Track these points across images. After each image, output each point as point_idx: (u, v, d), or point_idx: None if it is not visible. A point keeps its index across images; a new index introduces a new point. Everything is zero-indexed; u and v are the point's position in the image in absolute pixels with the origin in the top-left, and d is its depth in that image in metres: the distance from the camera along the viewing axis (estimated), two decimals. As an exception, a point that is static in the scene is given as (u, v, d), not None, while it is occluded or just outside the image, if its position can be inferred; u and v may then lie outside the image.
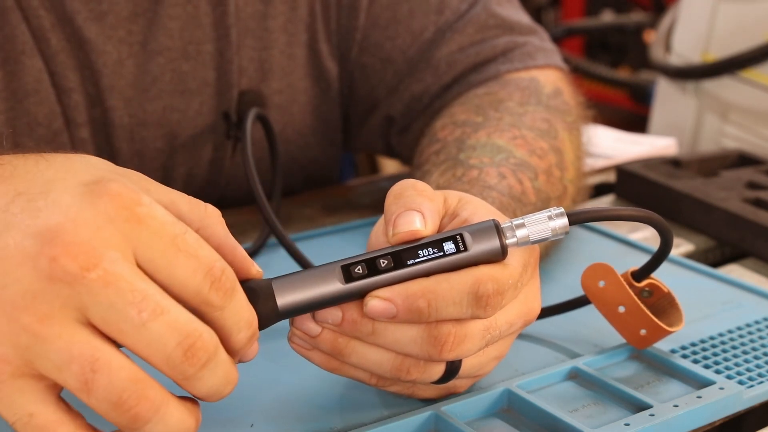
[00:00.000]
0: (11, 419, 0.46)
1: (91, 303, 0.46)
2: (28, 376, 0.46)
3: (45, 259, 0.46)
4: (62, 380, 0.46)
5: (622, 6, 2.99)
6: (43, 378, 0.46)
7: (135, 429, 0.46)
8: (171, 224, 0.48)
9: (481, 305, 0.54)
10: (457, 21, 0.93)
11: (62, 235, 0.46)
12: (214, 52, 0.89)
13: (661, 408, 0.60)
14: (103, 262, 0.46)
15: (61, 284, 0.46)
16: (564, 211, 0.56)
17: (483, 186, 0.73)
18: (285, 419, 0.60)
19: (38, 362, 0.46)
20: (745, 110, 1.21)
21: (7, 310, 0.46)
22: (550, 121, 0.84)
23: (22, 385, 0.46)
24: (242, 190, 0.76)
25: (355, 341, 0.56)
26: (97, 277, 0.46)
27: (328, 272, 0.54)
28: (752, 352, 0.69)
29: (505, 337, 0.59)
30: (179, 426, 0.48)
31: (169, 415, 0.47)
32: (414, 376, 0.56)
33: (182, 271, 0.47)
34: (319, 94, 0.97)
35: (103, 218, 0.47)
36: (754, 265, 0.87)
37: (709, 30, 1.25)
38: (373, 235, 0.61)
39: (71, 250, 0.46)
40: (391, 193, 0.57)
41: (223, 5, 0.88)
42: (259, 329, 0.53)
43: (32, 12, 0.81)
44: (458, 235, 0.54)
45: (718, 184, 0.98)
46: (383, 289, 0.54)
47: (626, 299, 0.64)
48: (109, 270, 0.46)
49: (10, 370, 0.46)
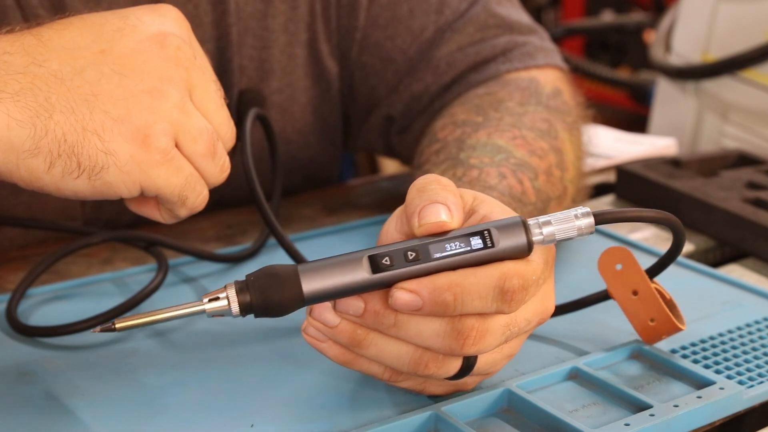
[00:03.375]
0: (181, 180, 0.61)
1: (196, 84, 0.62)
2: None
3: (171, 49, 0.61)
4: (192, 149, 0.61)
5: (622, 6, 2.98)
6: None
7: (222, 174, 0.64)
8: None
9: (506, 300, 0.54)
10: (456, 20, 0.93)
11: (170, 33, 0.61)
12: (214, 51, 0.89)
13: (661, 408, 0.60)
14: (199, 51, 0.64)
15: (182, 68, 0.61)
16: (590, 211, 0.57)
17: (483, 186, 0.73)
18: (285, 419, 0.60)
19: (181, 134, 0.60)
20: (745, 110, 1.21)
21: (154, 94, 0.59)
22: (550, 122, 0.84)
23: (175, 154, 0.60)
24: (242, 190, 0.76)
25: (374, 333, 0.56)
26: (200, 63, 0.63)
27: (355, 261, 0.54)
28: (752, 352, 0.69)
29: (521, 334, 0.59)
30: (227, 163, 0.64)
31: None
32: (431, 371, 0.57)
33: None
34: (319, 93, 0.97)
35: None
36: (754, 265, 0.87)
37: (709, 30, 1.25)
38: (383, 232, 0.60)
39: (184, 42, 0.62)
40: (414, 186, 0.58)
41: (223, 4, 0.88)
42: (283, 314, 0.54)
43: (32, 11, 0.81)
44: (486, 231, 0.55)
45: (718, 184, 0.97)
46: (410, 281, 0.54)
47: (641, 284, 0.65)
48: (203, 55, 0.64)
49: (169, 142, 0.60)
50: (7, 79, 0.56)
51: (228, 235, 0.90)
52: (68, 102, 0.57)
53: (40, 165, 0.57)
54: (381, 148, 1.01)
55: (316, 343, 0.58)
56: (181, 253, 0.82)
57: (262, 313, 0.54)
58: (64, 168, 0.57)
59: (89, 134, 0.58)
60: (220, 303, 0.54)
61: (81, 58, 0.59)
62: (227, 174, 0.65)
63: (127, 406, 0.62)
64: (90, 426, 0.60)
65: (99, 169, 0.58)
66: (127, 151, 0.58)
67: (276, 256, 0.84)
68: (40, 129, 0.56)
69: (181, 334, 0.71)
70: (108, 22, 0.61)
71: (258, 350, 0.69)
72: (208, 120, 0.63)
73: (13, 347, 0.69)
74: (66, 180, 0.58)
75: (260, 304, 0.54)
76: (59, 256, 0.79)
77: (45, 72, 0.58)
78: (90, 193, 0.59)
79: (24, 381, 0.64)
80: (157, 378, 0.65)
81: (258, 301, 0.54)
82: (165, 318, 0.55)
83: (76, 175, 0.58)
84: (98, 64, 0.59)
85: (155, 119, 0.59)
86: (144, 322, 0.55)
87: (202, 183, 0.63)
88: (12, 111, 0.56)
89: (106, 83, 0.59)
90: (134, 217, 0.67)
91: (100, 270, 0.82)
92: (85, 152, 0.58)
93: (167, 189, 0.61)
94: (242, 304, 0.54)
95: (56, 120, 0.57)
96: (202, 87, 0.63)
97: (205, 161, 0.62)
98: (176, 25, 0.63)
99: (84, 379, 0.65)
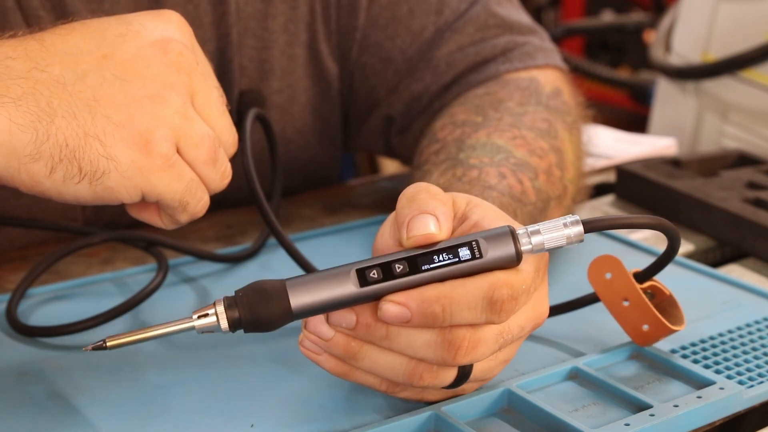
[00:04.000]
0: (182, 186, 0.61)
1: (198, 89, 0.62)
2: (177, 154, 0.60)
3: (173, 55, 0.61)
4: (194, 155, 0.61)
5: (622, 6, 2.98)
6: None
7: (223, 180, 0.64)
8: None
9: (495, 310, 0.54)
10: (456, 21, 0.93)
11: (173, 39, 0.62)
12: (214, 52, 0.89)
13: (661, 408, 0.60)
14: (201, 57, 0.64)
15: (184, 74, 0.61)
16: (579, 219, 0.56)
17: (483, 186, 0.73)
18: (285, 419, 0.60)
19: (182, 140, 0.60)
20: (745, 110, 1.21)
21: (156, 99, 0.59)
22: (550, 121, 0.84)
23: (177, 160, 0.60)
24: (242, 190, 0.76)
25: (368, 345, 0.56)
26: (202, 69, 0.63)
27: (342, 275, 0.54)
28: (752, 352, 0.69)
29: (516, 340, 0.59)
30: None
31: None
32: (427, 382, 0.57)
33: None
34: (319, 93, 0.97)
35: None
36: (754, 265, 0.87)
37: (709, 30, 1.25)
38: (378, 237, 0.60)
39: (186, 48, 0.62)
40: (404, 196, 0.57)
41: (223, 5, 0.88)
42: (272, 329, 0.55)
43: (32, 12, 0.81)
44: (474, 242, 0.55)
45: (718, 184, 0.97)
46: (398, 293, 0.54)
47: (631, 293, 0.65)
48: (205, 61, 0.65)
49: (170, 148, 0.59)
50: (9, 84, 0.56)
51: (228, 235, 0.91)
52: (70, 107, 0.57)
53: (42, 170, 0.57)
54: (381, 149, 1.01)
55: (313, 355, 0.58)
56: (181, 253, 0.82)
57: (251, 328, 0.55)
58: (66, 173, 0.57)
59: (91, 139, 0.58)
60: (209, 319, 0.55)
61: (83, 63, 0.59)
62: (228, 180, 0.65)
63: (127, 406, 0.62)
64: (90, 426, 0.60)
65: (100, 174, 0.58)
66: (129, 156, 0.58)
67: (276, 256, 0.84)
68: (42, 134, 0.56)
69: (181, 334, 0.71)
70: (111, 27, 0.61)
71: (258, 350, 0.69)
72: (210, 126, 0.62)
73: (13, 347, 0.69)
74: (67, 185, 0.58)
75: (249, 319, 0.54)
76: (59, 256, 0.79)
77: (47, 77, 0.58)
78: (91, 198, 0.59)
79: (24, 381, 0.64)
80: (157, 378, 0.65)
81: (247, 317, 0.54)
82: (155, 335, 0.55)
83: (78, 180, 0.58)
84: (100, 69, 0.59)
85: (157, 125, 0.59)
86: (135, 339, 0.55)
87: (203, 189, 0.63)
88: (14, 115, 0.56)
89: (108, 88, 0.59)
90: (134, 218, 0.67)
91: (100, 270, 0.82)
92: (86, 157, 0.57)
93: (168, 195, 0.61)
94: (231, 320, 0.54)
95: (58, 125, 0.57)
96: (204, 93, 0.63)
97: (207, 167, 0.62)
98: (179, 31, 0.63)
99: (84, 379, 0.65)
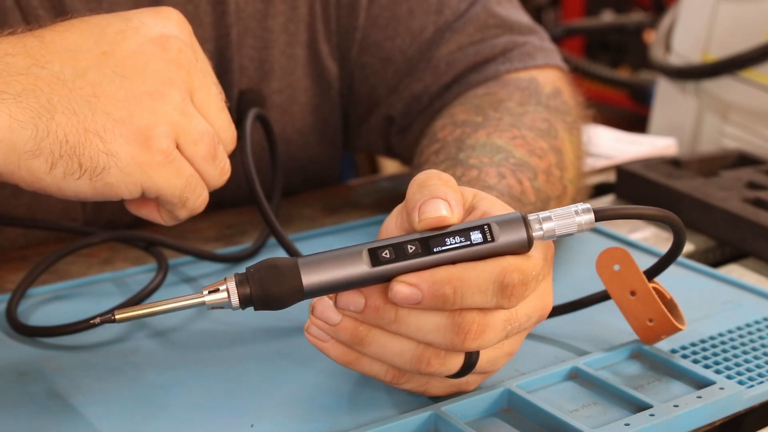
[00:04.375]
0: (182, 182, 0.61)
1: (198, 86, 0.62)
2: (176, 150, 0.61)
3: (173, 51, 0.61)
4: (193, 152, 0.61)
5: (622, 6, 2.98)
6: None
7: (222, 176, 0.65)
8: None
9: (506, 295, 0.54)
10: (456, 20, 0.93)
11: (172, 35, 0.62)
12: (214, 52, 0.89)
13: (661, 408, 0.60)
14: (200, 54, 0.65)
15: (184, 71, 0.61)
16: (591, 207, 0.57)
17: (483, 186, 0.73)
18: (285, 419, 0.60)
19: (182, 137, 0.61)
20: (745, 110, 1.21)
21: (156, 96, 0.60)
22: (549, 121, 0.84)
23: (176, 156, 0.61)
24: (242, 190, 0.76)
25: (376, 330, 0.56)
26: (201, 65, 0.63)
27: (354, 254, 0.54)
28: (752, 352, 0.69)
29: (521, 331, 0.59)
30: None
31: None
32: (434, 368, 0.56)
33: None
34: (319, 93, 0.97)
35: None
36: (754, 265, 0.87)
37: (709, 30, 1.25)
38: (384, 227, 0.60)
39: (185, 45, 0.62)
40: (415, 182, 0.58)
41: (223, 4, 0.88)
42: (283, 307, 0.54)
43: (32, 12, 0.81)
44: (486, 225, 0.55)
45: (718, 184, 0.97)
46: (410, 274, 0.54)
47: (639, 284, 0.65)
48: (204, 58, 0.65)
49: (170, 144, 0.60)
50: (9, 81, 0.56)
51: (228, 235, 0.91)
52: (70, 103, 0.58)
53: (42, 166, 0.57)
54: (381, 149, 1.01)
55: (319, 342, 0.58)
56: (181, 253, 0.82)
57: (261, 305, 0.54)
58: (66, 169, 0.58)
59: (91, 135, 0.58)
60: (219, 295, 0.54)
61: (83, 59, 0.59)
62: (227, 177, 0.65)
63: (127, 405, 0.62)
64: (90, 425, 0.60)
65: (100, 170, 0.58)
66: (129, 152, 0.59)
67: (276, 255, 0.83)
68: (42, 130, 0.56)
69: (181, 334, 0.71)
70: (110, 24, 0.61)
71: (258, 350, 0.69)
72: (209, 123, 0.63)
73: (13, 347, 0.69)
74: (67, 181, 0.58)
75: (260, 296, 0.54)
76: (59, 256, 0.79)
77: (47, 73, 0.58)
78: (91, 194, 0.59)
79: (24, 381, 0.64)
80: (157, 378, 0.65)
81: (258, 294, 0.54)
82: (165, 309, 0.55)
83: (78, 176, 0.58)
84: (100, 66, 0.60)
85: (156, 121, 0.59)
86: (144, 313, 0.55)
87: (202, 185, 0.63)
88: (14, 112, 0.56)
89: (107, 85, 0.59)
90: (134, 218, 0.67)
91: (100, 270, 0.82)
92: (86, 153, 0.58)
93: (168, 190, 0.61)
94: (242, 297, 0.54)
95: (58, 121, 0.57)
96: (204, 90, 0.63)
97: (206, 164, 0.62)
98: (178, 28, 0.63)
99: (84, 378, 0.65)
